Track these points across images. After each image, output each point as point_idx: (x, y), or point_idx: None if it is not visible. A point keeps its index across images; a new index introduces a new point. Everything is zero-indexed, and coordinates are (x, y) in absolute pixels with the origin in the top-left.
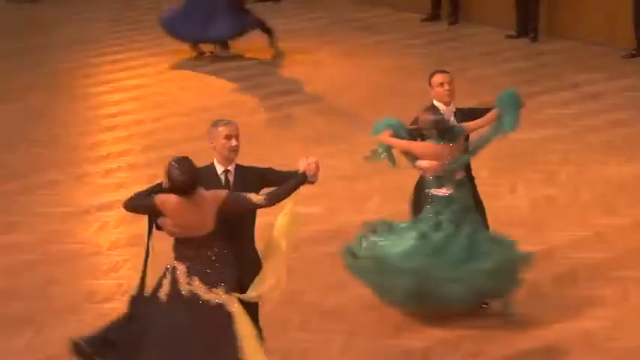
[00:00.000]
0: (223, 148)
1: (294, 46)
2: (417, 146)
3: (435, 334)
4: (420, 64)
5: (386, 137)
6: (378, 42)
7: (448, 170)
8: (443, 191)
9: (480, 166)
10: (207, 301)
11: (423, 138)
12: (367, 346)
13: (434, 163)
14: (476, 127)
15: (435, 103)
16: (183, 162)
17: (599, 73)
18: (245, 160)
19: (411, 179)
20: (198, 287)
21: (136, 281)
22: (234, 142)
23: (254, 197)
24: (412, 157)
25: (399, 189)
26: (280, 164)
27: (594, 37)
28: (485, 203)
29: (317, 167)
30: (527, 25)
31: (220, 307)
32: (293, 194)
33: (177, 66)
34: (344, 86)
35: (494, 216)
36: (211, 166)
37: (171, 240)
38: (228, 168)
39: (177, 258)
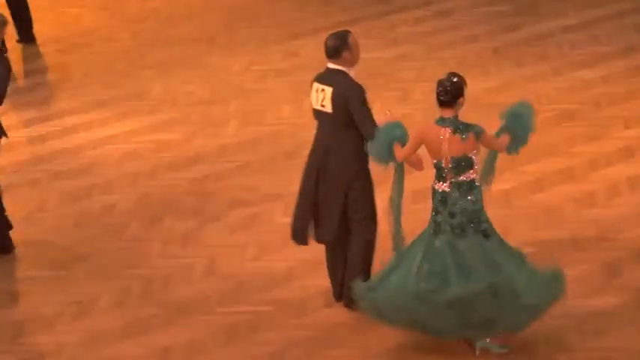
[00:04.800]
0: None
1: None
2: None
3: (296, 255)
4: None
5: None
6: None
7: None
8: (441, 186)
9: None
10: None
11: None
12: (229, 270)
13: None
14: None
15: None
16: None
17: None
18: (94, 89)
19: (267, 105)
20: None
21: None
22: None
23: None
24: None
25: (255, 112)
26: (132, 90)
27: None
28: None
29: None
30: None
31: None
32: None
33: None
34: (199, 11)
35: None
36: None
37: None
38: None
39: None
